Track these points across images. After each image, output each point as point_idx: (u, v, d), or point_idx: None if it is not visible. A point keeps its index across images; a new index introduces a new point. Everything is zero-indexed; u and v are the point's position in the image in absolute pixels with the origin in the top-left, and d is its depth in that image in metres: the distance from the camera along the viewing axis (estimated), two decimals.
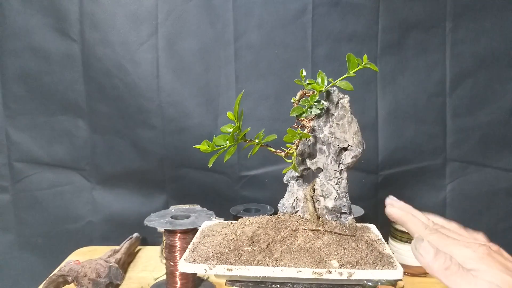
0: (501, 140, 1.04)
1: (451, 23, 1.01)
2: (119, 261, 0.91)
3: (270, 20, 1.02)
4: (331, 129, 0.56)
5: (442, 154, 1.05)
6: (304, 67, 0.58)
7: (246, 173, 1.08)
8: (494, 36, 1.01)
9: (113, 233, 1.11)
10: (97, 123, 1.08)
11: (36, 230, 1.12)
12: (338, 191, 0.54)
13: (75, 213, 1.12)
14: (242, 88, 1.02)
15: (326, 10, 1.01)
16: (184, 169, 1.08)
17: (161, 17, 1.02)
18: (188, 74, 1.04)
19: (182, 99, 1.05)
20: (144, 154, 1.08)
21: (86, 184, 1.11)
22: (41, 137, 1.09)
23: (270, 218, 0.55)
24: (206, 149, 0.52)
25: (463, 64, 1.02)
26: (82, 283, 0.79)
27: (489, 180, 1.06)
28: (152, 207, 1.06)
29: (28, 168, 1.10)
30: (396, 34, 1.02)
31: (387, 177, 1.06)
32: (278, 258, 0.47)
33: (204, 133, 1.04)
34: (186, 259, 0.48)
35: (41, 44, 1.04)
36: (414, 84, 1.04)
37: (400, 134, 1.05)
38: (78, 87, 1.05)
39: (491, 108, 1.03)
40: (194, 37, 1.03)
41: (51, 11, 1.02)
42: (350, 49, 0.97)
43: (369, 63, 0.53)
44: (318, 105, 0.53)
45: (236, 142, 0.52)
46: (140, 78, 1.04)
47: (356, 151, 0.55)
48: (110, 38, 1.02)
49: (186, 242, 0.78)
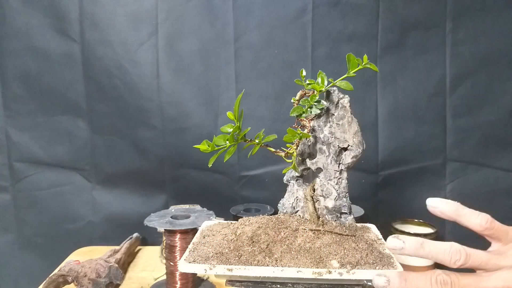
0: (501, 140, 1.04)
1: (451, 23, 1.01)
2: (119, 261, 0.90)
3: (270, 20, 1.02)
4: (331, 129, 0.56)
5: (442, 154, 1.05)
6: (304, 67, 0.58)
7: (246, 173, 1.08)
8: (494, 36, 1.01)
9: (113, 233, 1.11)
10: (97, 123, 1.08)
11: (36, 230, 1.12)
12: (338, 191, 0.54)
13: (75, 213, 1.12)
14: (242, 88, 1.02)
15: (326, 10, 1.01)
16: (184, 169, 1.08)
17: (161, 17, 1.02)
18: (188, 74, 1.04)
19: (182, 99, 1.05)
20: (144, 154, 1.08)
21: (86, 184, 1.11)
22: (41, 137, 1.08)
23: (270, 218, 0.55)
24: (206, 149, 0.52)
25: (463, 64, 1.02)
26: (82, 283, 0.79)
27: (489, 180, 1.06)
28: (152, 207, 1.06)
29: (28, 168, 1.10)
30: (396, 34, 1.02)
31: (387, 177, 1.06)
32: (278, 258, 0.47)
33: (204, 133, 1.04)
34: (186, 259, 0.48)
35: (41, 44, 1.03)
36: (414, 84, 1.04)
37: (400, 134, 1.05)
38: (78, 87, 1.05)
39: (491, 108, 1.03)
40: (194, 37, 1.03)
41: (51, 11, 1.02)
42: (350, 49, 0.97)
43: (369, 63, 0.53)
44: (318, 105, 0.53)
45: (236, 142, 0.52)
46: (140, 78, 1.04)
47: (356, 151, 0.55)
48: (110, 38, 1.02)
49: (186, 242, 0.78)
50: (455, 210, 0.44)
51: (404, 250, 0.42)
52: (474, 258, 0.40)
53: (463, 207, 0.44)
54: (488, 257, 0.41)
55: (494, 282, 0.39)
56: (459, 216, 0.44)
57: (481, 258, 0.40)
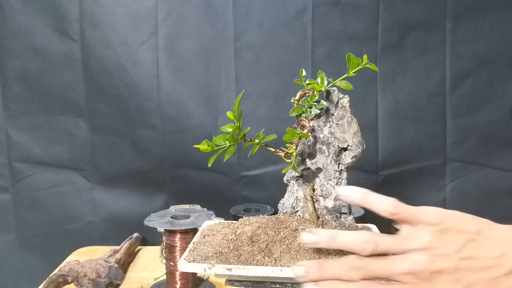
0: (501, 140, 1.04)
1: (451, 23, 1.01)
2: (119, 261, 0.90)
3: (270, 20, 1.02)
4: (330, 129, 0.56)
5: (442, 154, 1.05)
6: (304, 67, 0.58)
7: (246, 173, 1.08)
8: (494, 36, 1.01)
9: (113, 233, 1.11)
10: (97, 123, 1.08)
11: (36, 230, 1.12)
12: None
13: (75, 213, 1.12)
14: (242, 88, 1.02)
15: (326, 10, 1.01)
16: (184, 169, 1.08)
17: (161, 17, 1.02)
18: (188, 74, 1.04)
19: (182, 99, 1.05)
20: (144, 154, 1.08)
21: (86, 184, 1.11)
22: (41, 137, 1.08)
23: (270, 218, 0.55)
24: (205, 148, 0.52)
25: (463, 64, 1.02)
26: (82, 283, 0.79)
27: (489, 180, 1.06)
28: (152, 207, 1.06)
29: (28, 168, 1.10)
30: (396, 34, 1.02)
31: (387, 177, 1.06)
32: (277, 258, 0.47)
33: (204, 133, 1.04)
34: (185, 259, 0.48)
35: (41, 44, 1.03)
36: (414, 84, 1.04)
37: (400, 134, 1.05)
38: (78, 87, 1.05)
39: (491, 108, 1.03)
40: (194, 37, 1.03)
41: (51, 11, 1.02)
42: (350, 49, 0.97)
43: (369, 63, 0.53)
44: (317, 105, 0.54)
45: (236, 142, 0.52)
46: (140, 78, 1.04)
47: (355, 151, 0.55)
48: (110, 38, 1.02)
49: (186, 242, 0.78)
50: (363, 198, 0.44)
51: (318, 244, 0.43)
52: (382, 245, 0.41)
53: (371, 193, 0.44)
54: (395, 242, 0.42)
55: (402, 265, 0.40)
56: (367, 203, 0.44)
57: (389, 244, 0.41)
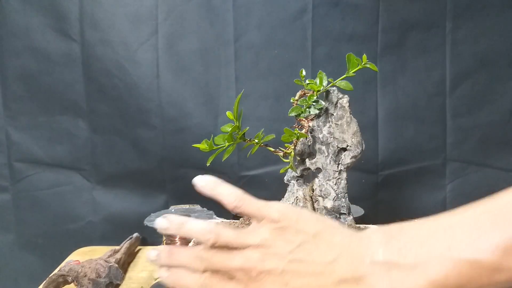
0: (501, 140, 1.04)
1: (451, 23, 1.01)
2: (119, 261, 0.90)
3: (270, 20, 1.02)
4: (330, 129, 0.56)
5: (442, 154, 1.05)
6: (304, 67, 0.58)
7: (246, 173, 1.08)
8: (494, 36, 1.01)
9: (113, 233, 1.11)
10: (97, 123, 1.08)
11: (36, 230, 1.12)
12: (337, 192, 0.54)
13: (75, 213, 1.12)
14: (242, 88, 1.02)
15: (326, 10, 1.01)
16: (184, 169, 1.08)
17: (161, 17, 1.02)
18: (188, 74, 1.04)
19: (182, 99, 1.05)
20: (144, 154, 1.08)
21: (86, 184, 1.11)
22: (41, 137, 1.08)
23: None
24: (205, 148, 0.52)
25: (463, 64, 1.02)
26: (82, 283, 0.79)
27: (489, 180, 1.05)
28: (152, 207, 1.06)
29: (28, 168, 1.10)
30: (396, 34, 1.02)
31: (387, 177, 1.06)
32: None
33: (204, 133, 1.03)
34: None
35: (41, 44, 1.04)
36: (414, 84, 1.04)
37: (400, 134, 1.05)
38: (78, 87, 1.05)
39: (491, 108, 1.03)
40: (194, 37, 1.03)
41: (51, 11, 1.02)
42: (350, 49, 0.97)
43: (368, 63, 0.53)
44: (316, 105, 0.54)
45: (235, 142, 0.52)
46: (140, 78, 1.04)
47: (355, 152, 0.55)
48: (110, 38, 1.02)
49: (186, 242, 0.78)
50: (212, 188, 0.43)
51: (169, 230, 0.42)
52: (223, 237, 0.41)
53: (221, 184, 0.43)
54: (236, 236, 0.41)
55: (235, 261, 0.40)
56: (216, 195, 0.43)
57: (229, 237, 0.41)
